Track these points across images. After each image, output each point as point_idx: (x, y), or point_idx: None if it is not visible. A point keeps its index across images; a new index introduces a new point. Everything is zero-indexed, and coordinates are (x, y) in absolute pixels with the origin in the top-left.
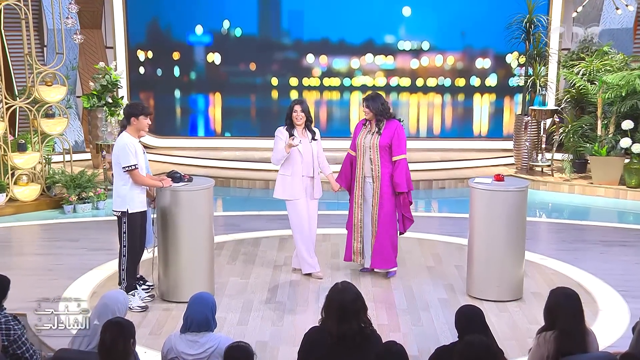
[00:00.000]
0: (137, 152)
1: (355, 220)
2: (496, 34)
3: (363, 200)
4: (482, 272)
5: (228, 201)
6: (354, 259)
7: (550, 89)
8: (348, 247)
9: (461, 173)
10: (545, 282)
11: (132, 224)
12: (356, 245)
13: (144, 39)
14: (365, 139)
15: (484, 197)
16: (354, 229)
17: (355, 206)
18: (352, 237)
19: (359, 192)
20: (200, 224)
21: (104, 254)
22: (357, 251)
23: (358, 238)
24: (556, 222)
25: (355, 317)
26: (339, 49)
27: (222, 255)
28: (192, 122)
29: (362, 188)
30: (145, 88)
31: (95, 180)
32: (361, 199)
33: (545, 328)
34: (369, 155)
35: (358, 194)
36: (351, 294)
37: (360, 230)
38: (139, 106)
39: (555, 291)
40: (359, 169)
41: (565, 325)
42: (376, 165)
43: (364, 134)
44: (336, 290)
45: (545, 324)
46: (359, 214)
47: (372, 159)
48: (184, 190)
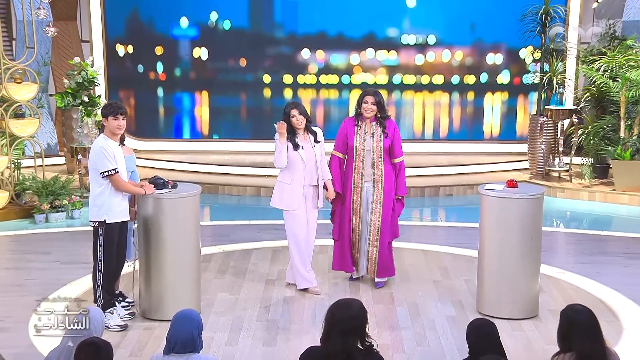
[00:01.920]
0: (116, 155)
1: (354, 228)
2: (509, 27)
3: (361, 207)
4: (494, 287)
5: (216, 209)
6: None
7: (568, 87)
8: (337, 255)
9: (470, 179)
10: (564, 298)
11: (109, 235)
12: (354, 254)
13: (124, 32)
14: (365, 142)
15: (496, 205)
16: (353, 238)
17: (353, 214)
18: (350, 245)
19: (357, 199)
20: (186, 235)
21: (79, 268)
22: (355, 261)
23: (356, 248)
24: (575, 232)
25: (361, 335)
26: (337, 43)
27: (209, 268)
28: (177, 123)
29: (361, 194)
30: (125, 86)
31: (70, 187)
32: (359, 205)
33: (561, 353)
34: (370, 160)
35: (356, 201)
36: (357, 309)
37: (358, 238)
38: (110, 106)
39: (565, 311)
40: (356, 174)
41: (582, 347)
42: (379, 170)
43: (360, 136)
44: (340, 304)
45: (560, 349)
46: (357, 221)
47: (375, 162)
48: (168, 197)
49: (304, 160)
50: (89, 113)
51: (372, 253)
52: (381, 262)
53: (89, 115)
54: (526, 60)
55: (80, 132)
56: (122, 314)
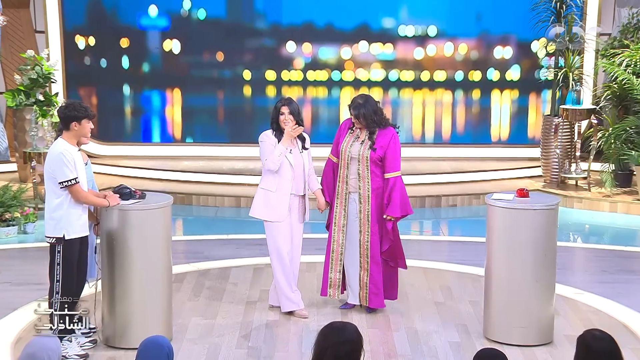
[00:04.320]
0: (77, 162)
1: (334, 245)
2: (519, 17)
3: (346, 222)
4: (503, 309)
5: (190, 222)
6: (329, 293)
7: (586, 84)
8: (324, 279)
9: (476, 187)
10: (582, 322)
11: (68, 253)
12: (333, 276)
13: (85, 21)
14: (351, 147)
15: (505, 217)
16: (331, 257)
17: (334, 227)
18: (329, 266)
19: (340, 211)
20: (155, 251)
21: (32, 290)
22: (335, 283)
23: (336, 267)
24: (595, 247)
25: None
26: (326, 35)
27: (182, 289)
28: (145, 125)
29: (346, 206)
30: (86, 82)
31: (23, 198)
32: (343, 219)
33: None
34: (355, 168)
35: (340, 213)
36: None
37: (340, 257)
38: (81, 107)
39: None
40: (341, 182)
41: None
42: (365, 182)
43: (349, 140)
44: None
45: None
46: (340, 238)
47: (360, 173)
48: (135, 209)
49: (292, 165)
50: (44, 113)
51: (363, 277)
52: (373, 288)
53: (45, 116)
54: (539, 54)
55: (35, 135)
56: (82, 341)
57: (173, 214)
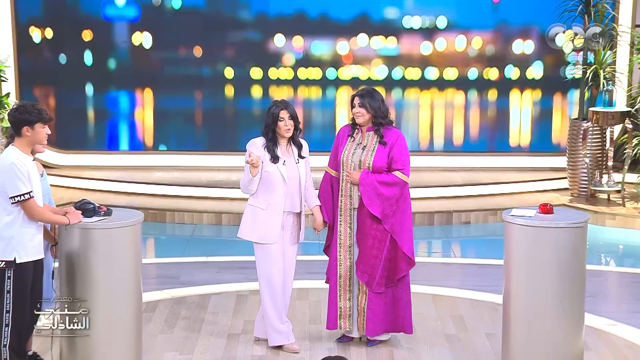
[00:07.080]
0: (31, 174)
1: (341, 269)
2: (542, 6)
3: (353, 241)
4: (524, 342)
5: (163, 243)
6: (340, 324)
7: (619, 83)
8: (331, 309)
9: (493, 202)
10: (615, 357)
11: (20, 279)
12: (343, 305)
13: (41, 11)
14: (353, 155)
15: (526, 237)
16: (339, 283)
17: (339, 249)
18: (337, 294)
19: (345, 230)
20: (123, 276)
21: None
22: (345, 313)
23: (345, 295)
24: (630, 271)
25: None
26: (319, 27)
27: (153, 320)
28: (111, 130)
29: (351, 224)
30: (42, 81)
31: None
32: (349, 238)
33: None
34: None
35: (345, 232)
36: None
37: (349, 282)
38: (34, 109)
39: None
40: (344, 197)
41: None
42: None
43: (350, 147)
44: None
45: None
46: (347, 261)
47: None
48: (100, 227)
49: (285, 178)
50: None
51: (362, 302)
52: (372, 315)
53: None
54: (564, 48)
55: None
56: None
57: (144, 233)
